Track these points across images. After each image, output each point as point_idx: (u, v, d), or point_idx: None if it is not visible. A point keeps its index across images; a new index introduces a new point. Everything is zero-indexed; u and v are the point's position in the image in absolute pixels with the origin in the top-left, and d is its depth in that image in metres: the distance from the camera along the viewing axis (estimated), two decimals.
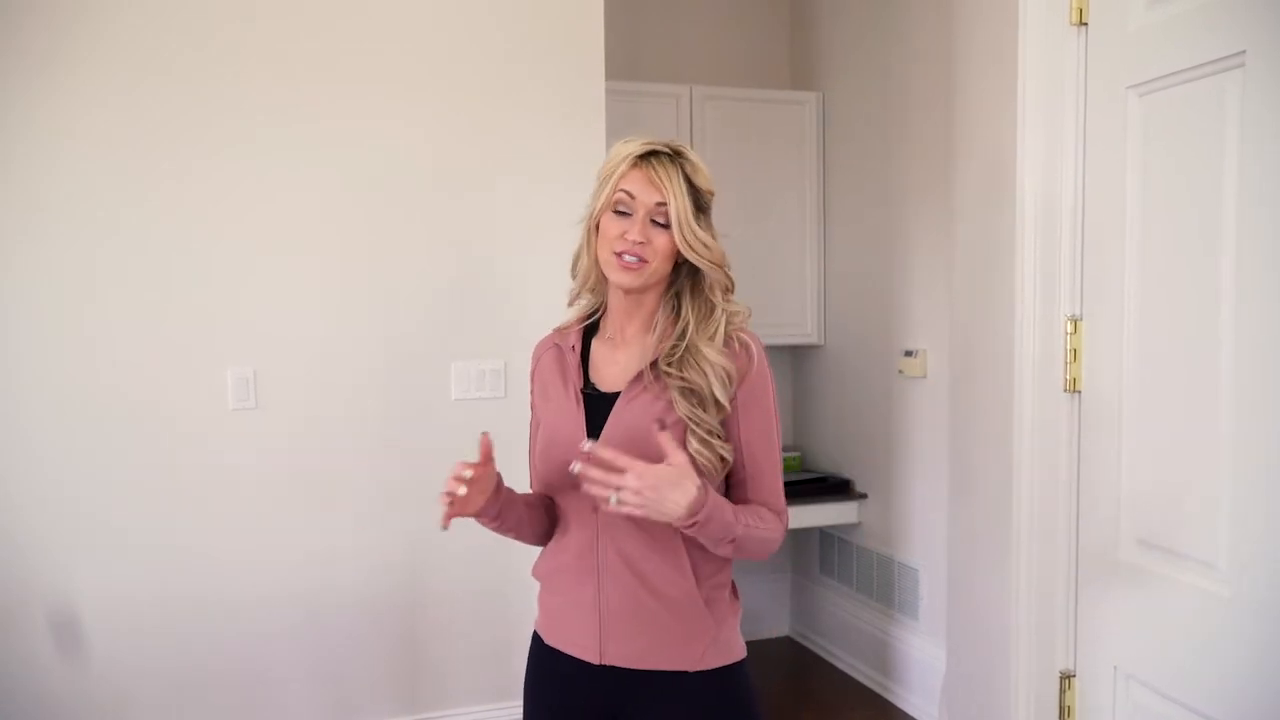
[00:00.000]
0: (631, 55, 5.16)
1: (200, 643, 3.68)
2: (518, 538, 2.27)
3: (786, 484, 4.93)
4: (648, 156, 2.09)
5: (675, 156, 2.10)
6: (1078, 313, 2.83)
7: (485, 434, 2.08)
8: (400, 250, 3.83)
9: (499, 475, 2.15)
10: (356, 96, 3.75)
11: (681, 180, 2.08)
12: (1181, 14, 2.44)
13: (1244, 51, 2.26)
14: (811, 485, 5.11)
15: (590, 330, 2.26)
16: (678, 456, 1.89)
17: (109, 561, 3.57)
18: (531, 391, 2.32)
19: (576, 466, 1.87)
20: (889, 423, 4.81)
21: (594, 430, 2.09)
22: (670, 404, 2.05)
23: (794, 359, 5.69)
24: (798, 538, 5.68)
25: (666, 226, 2.07)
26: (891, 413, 4.79)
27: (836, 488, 5.11)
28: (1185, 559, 2.49)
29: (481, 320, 3.87)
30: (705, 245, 2.10)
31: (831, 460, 5.33)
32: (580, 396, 2.16)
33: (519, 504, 2.22)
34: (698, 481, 1.90)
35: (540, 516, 2.26)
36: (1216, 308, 2.36)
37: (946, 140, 3.83)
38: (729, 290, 2.19)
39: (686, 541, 2.07)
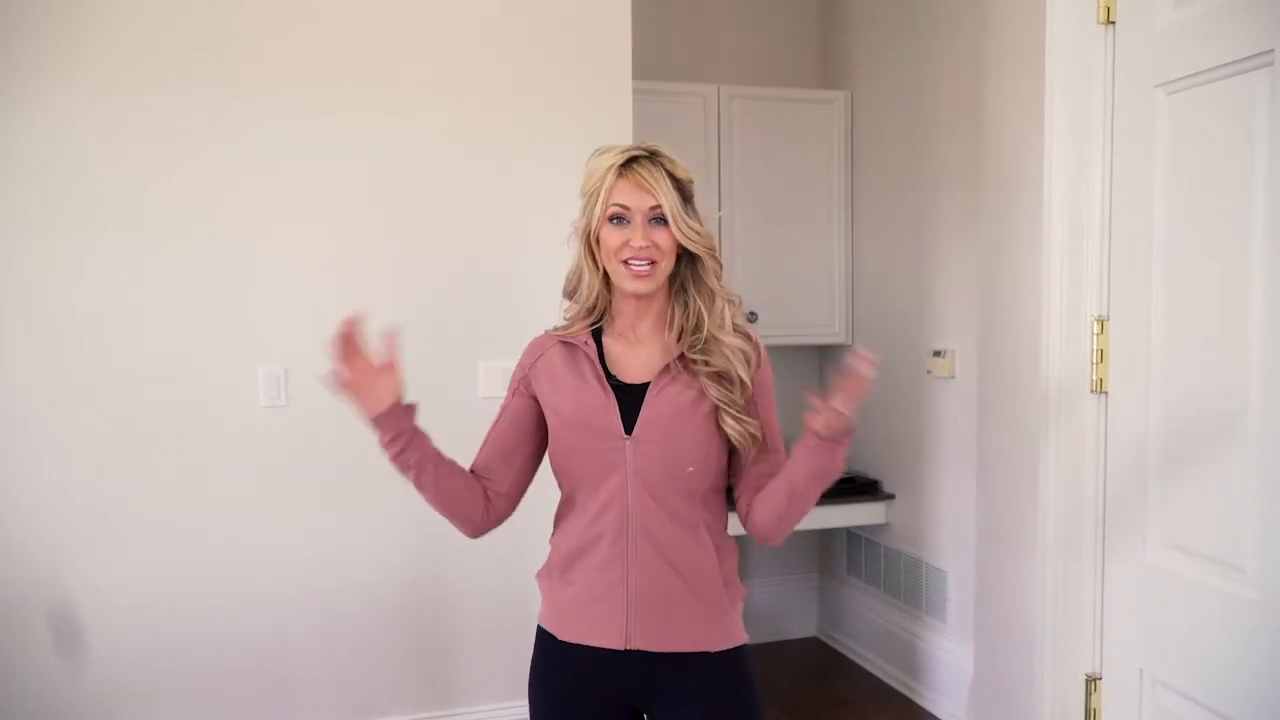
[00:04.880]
0: (659, 54, 5.16)
1: (223, 641, 3.70)
2: (442, 504, 2.32)
3: None
4: (629, 164, 2.17)
5: (654, 156, 2.19)
6: (1104, 313, 2.82)
7: (392, 330, 2.21)
8: (428, 250, 3.84)
9: (411, 407, 2.25)
10: (384, 96, 3.77)
11: (666, 177, 2.17)
12: (1209, 12, 2.44)
13: (1272, 50, 2.25)
14: (839, 485, 5.07)
15: (596, 331, 2.33)
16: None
17: (138, 560, 3.60)
18: (516, 383, 2.36)
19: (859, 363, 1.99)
20: (917, 423, 4.80)
21: (628, 418, 2.19)
22: (700, 391, 2.19)
23: (821, 359, 5.68)
24: (825, 538, 5.68)
25: (663, 224, 2.17)
26: (920, 413, 4.78)
27: (864, 488, 5.10)
28: (1213, 562, 2.48)
29: (508, 319, 3.86)
30: (699, 233, 2.20)
31: (859, 460, 5.32)
32: (608, 387, 2.22)
33: (453, 471, 2.31)
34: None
35: (475, 492, 2.33)
36: (1245, 308, 2.35)
37: (975, 140, 3.82)
38: (720, 275, 2.28)
39: (706, 524, 2.24)
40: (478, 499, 2.34)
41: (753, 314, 4.99)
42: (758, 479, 2.28)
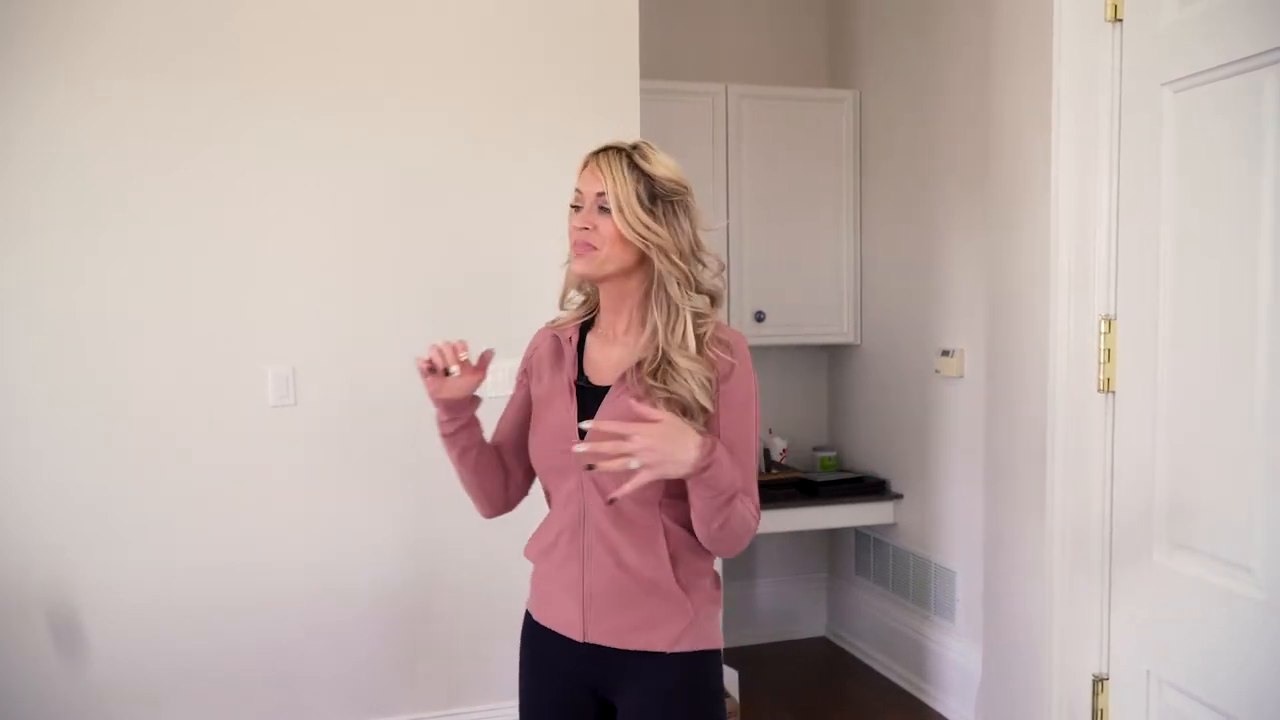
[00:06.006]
0: (668, 54, 5.15)
1: (225, 642, 3.70)
2: (473, 482, 2.39)
3: (823, 483, 4.94)
4: (597, 154, 2.19)
5: (628, 149, 2.18)
6: (1111, 312, 2.80)
7: (490, 351, 2.27)
8: (432, 249, 3.84)
9: (477, 399, 2.31)
10: (386, 95, 3.76)
11: (625, 168, 2.13)
12: (1215, 10, 2.42)
13: (1279, 48, 2.23)
14: (847, 485, 5.09)
15: (588, 326, 2.34)
16: (663, 413, 1.98)
17: (138, 560, 3.60)
18: (521, 372, 2.41)
19: (580, 448, 1.96)
20: (926, 423, 4.78)
21: (585, 420, 2.16)
22: (653, 404, 2.09)
23: (830, 359, 5.67)
24: (833, 537, 5.67)
25: (609, 212, 2.13)
26: (928, 413, 4.76)
27: (872, 488, 5.09)
28: (1220, 562, 2.46)
29: (510, 319, 3.85)
30: (648, 228, 2.12)
31: (867, 460, 5.31)
32: (574, 388, 2.23)
33: (491, 454, 2.39)
34: (697, 427, 2.04)
35: (502, 477, 2.41)
36: (1253, 307, 2.33)
37: (983, 138, 3.80)
38: (688, 284, 2.17)
39: (665, 528, 2.17)
40: (503, 483, 2.42)
41: (760, 313, 4.97)
42: None
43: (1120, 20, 2.74)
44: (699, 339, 2.14)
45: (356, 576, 3.83)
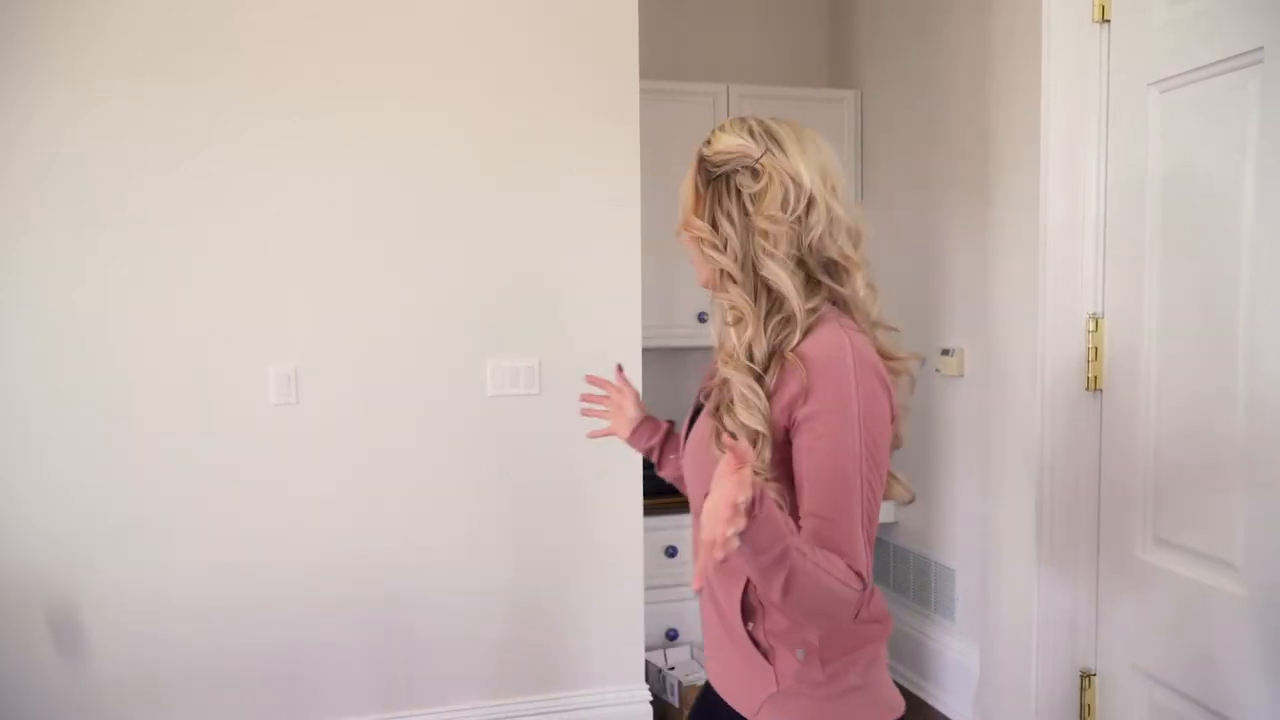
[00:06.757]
0: (669, 54, 5.16)
1: (236, 641, 3.72)
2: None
3: None
4: None
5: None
6: (1099, 310, 2.81)
7: (618, 365, 2.32)
8: (436, 249, 3.84)
9: (643, 415, 2.31)
10: (386, 96, 3.77)
11: (696, 161, 1.90)
12: (1201, 11, 2.44)
13: (1261, 48, 2.25)
14: None
15: None
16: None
17: (138, 560, 3.61)
18: None
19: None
20: (926, 422, 4.78)
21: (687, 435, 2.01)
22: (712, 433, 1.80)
23: None
24: None
25: None
26: (929, 412, 4.76)
27: None
28: (1204, 558, 2.48)
29: (515, 318, 3.88)
30: (697, 228, 1.84)
31: None
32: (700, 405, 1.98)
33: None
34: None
35: None
36: (1236, 305, 2.35)
37: (983, 138, 3.81)
38: (739, 282, 1.80)
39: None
40: None
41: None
42: None
43: (1108, 21, 2.76)
44: (751, 344, 1.77)
45: (357, 576, 3.83)
